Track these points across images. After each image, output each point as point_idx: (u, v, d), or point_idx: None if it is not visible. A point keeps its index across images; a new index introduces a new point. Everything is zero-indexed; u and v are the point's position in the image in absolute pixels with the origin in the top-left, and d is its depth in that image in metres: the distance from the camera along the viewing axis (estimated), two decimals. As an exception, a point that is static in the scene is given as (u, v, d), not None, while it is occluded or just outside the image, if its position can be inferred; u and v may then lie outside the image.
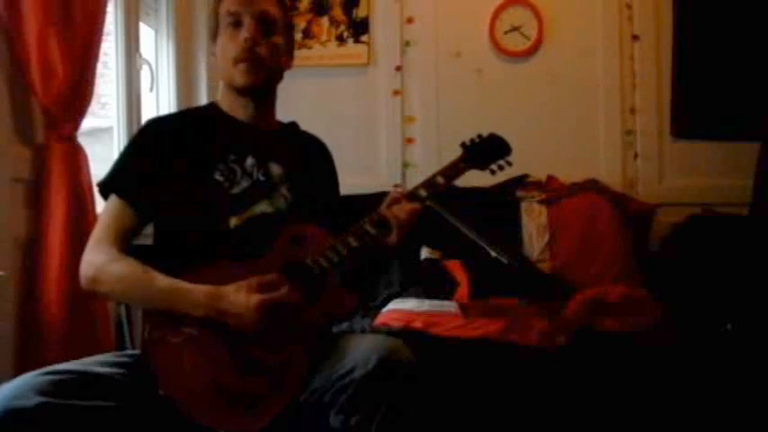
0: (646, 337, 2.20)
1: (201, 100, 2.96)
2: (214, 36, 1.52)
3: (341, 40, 3.20)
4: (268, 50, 1.47)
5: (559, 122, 3.12)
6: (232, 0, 1.48)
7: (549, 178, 3.00)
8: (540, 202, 2.93)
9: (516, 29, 3.14)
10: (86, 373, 1.19)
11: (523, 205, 2.93)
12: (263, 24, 1.47)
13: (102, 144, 2.54)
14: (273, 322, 1.27)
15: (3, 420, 1.08)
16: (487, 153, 1.60)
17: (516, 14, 3.13)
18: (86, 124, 2.00)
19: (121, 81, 2.50)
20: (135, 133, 1.55)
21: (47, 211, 1.84)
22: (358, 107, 3.21)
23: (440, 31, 3.18)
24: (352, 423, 1.19)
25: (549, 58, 3.14)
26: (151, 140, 1.47)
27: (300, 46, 3.09)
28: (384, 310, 2.36)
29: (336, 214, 1.56)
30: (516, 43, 3.15)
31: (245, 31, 1.45)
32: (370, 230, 1.40)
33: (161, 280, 1.31)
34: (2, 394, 1.11)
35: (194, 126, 1.51)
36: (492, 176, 1.63)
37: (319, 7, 3.19)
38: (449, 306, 2.38)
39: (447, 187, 1.51)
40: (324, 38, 3.19)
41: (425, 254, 2.74)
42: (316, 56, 3.16)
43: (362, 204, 1.50)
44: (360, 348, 1.23)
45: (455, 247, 2.68)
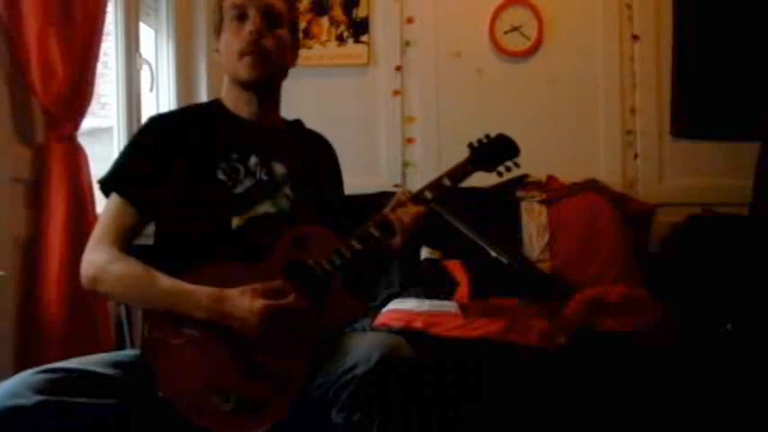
0: (646, 337, 2.20)
1: (201, 100, 2.94)
2: (218, 32, 1.49)
3: (341, 40, 3.20)
4: (274, 43, 1.44)
5: (559, 122, 3.12)
6: None
7: (549, 178, 3.00)
8: (540, 202, 2.93)
9: (516, 29, 3.14)
10: (85, 371, 1.19)
11: (523, 205, 2.93)
12: (268, 17, 1.44)
13: (102, 144, 2.54)
14: (277, 328, 1.25)
15: (1, 418, 1.08)
16: (495, 154, 1.56)
17: (516, 14, 3.13)
18: (86, 124, 1.99)
19: (121, 81, 2.50)
20: (137, 130, 1.52)
21: (47, 211, 1.84)
22: (358, 107, 3.20)
23: (440, 31, 3.18)
24: (354, 420, 1.18)
25: (549, 58, 3.14)
26: (153, 138, 1.45)
27: (300, 46, 3.08)
28: (384, 310, 2.36)
29: (340, 214, 1.54)
30: (516, 43, 3.15)
31: (250, 24, 1.42)
32: (374, 233, 1.38)
33: (163, 280, 1.29)
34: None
35: (197, 124, 1.48)
36: (496, 177, 1.59)
37: (319, 7, 3.19)
38: (449, 306, 2.38)
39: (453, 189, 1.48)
40: (324, 38, 3.19)
41: (425, 254, 2.74)
42: (316, 56, 3.16)
43: (363, 204, 1.49)
44: (361, 346, 1.23)
45: (455, 247, 2.68)
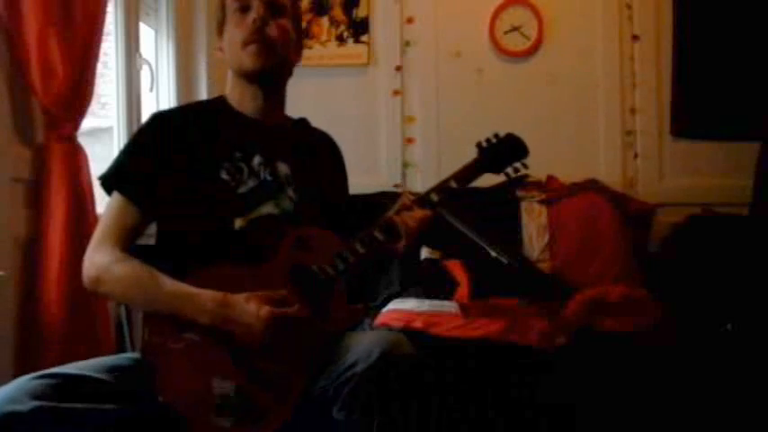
0: (646, 337, 2.20)
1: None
2: (220, 30, 1.47)
3: (341, 40, 3.20)
4: (278, 32, 1.42)
5: (559, 122, 3.11)
6: None
7: (549, 178, 3.00)
8: (540, 202, 2.93)
9: (516, 29, 3.14)
10: (82, 376, 1.17)
11: (523, 205, 2.93)
12: (271, 7, 1.43)
13: (102, 144, 2.54)
14: (281, 336, 1.24)
15: None
16: (504, 155, 1.52)
17: (516, 14, 3.13)
18: (86, 124, 1.99)
19: (121, 81, 2.49)
20: (139, 127, 1.49)
21: (47, 211, 1.83)
22: (358, 107, 3.20)
23: (440, 31, 3.18)
24: (355, 417, 1.18)
25: (549, 58, 3.14)
26: (156, 136, 1.42)
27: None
28: (384, 310, 2.36)
29: (345, 215, 1.52)
30: (516, 43, 3.15)
31: (253, 13, 1.41)
32: (378, 237, 1.36)
33: (166, 283, 1.28)
34: None
35: (200, 121, 1.46)
36: (497, 177, 1.56)
37: (319, 7, 3.19)
38: (449, 306, 2.38)
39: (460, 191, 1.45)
40: (324, 38, 3.19)
41: (425, 254, 2.74)
42: (316, 56, 3.16)
43: (367, 204, 1.48)
44: (362, 343, 1.22)
45: (455, 247, 2.68)
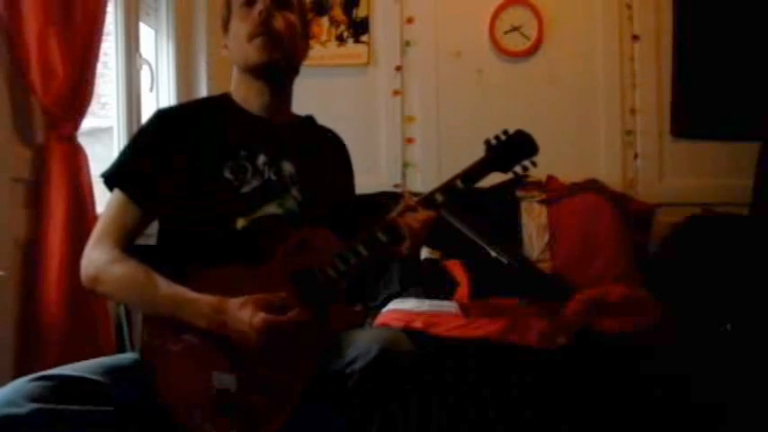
0: (646, 337, 2.20)
1: (201, 100, 2.96)
2: (225, 27, 1.45)
3: (341, 40, 3.20)
4: (284, 24, 1.40)
5: (559, 122, 3.11)
6: None
7: (549, 178, 3.00)
8: (540, 202, 2.93)
9: (516, 29, 3.14)
10: (80, 378, 1.15)
11: (523, 205, 2.93)
12: (277, 0, 1.41)
13: (103, 144, 2.54)
14: (277, 343, 1.22)
15: None
16: (514, 153, 1.47)
17: (516, 14, 3.13)
18: (86, 124, 1.99)
19: (121, 81, 2.49)
20: (143, 124, 1.47)
21: (47, 211, 1.84)
22: (358, 107, 3.20)
23: (440, 31, 3.18)
24: (355, 414, 1.17)
25: (549, 58, 3.14)
26: (159, 134, 1.41)
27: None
28: (384, 310, 2.36)
29: (350, 215, 1.49)
30: (516, 43, 3.15)
31: (259, 5, 1.39)
32: (381, 239, 1.33)
33: (164, 286, 1.26)
34: None
35: (204, 119, 1.44)
36: (496, 177, 1.50)
37: (319, 7, 3.19)
38: (449, 306, 2.38)
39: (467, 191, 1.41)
40: (324, 38, 3.19)
41: (425, 254, 2.74)
42: (316, 56, 3.14)
43: (371, 204, 1.47)
44: (361, 340, 1.21)
45: (455, 247, 2.68)
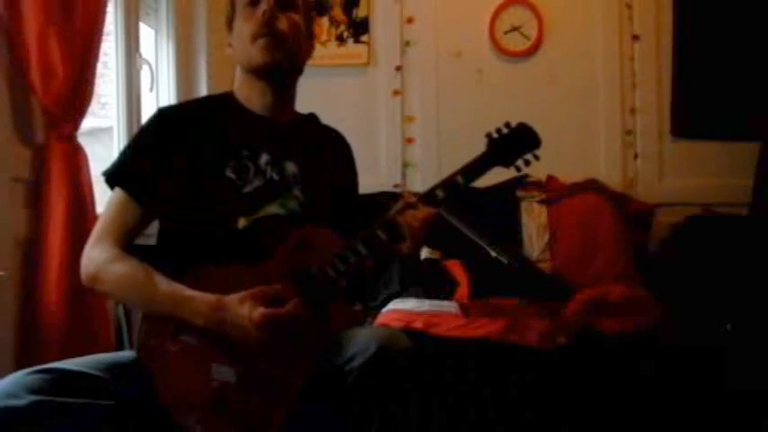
0: (646, 337, 2.20)
1: (201, 100, 2.96)
2: (230, 25, 1.45)
3: (341, 40, 3.20)
4: (288, 25, 1.39)
5: (559, 122, 3.11)
6: None
7: (549, 178, 3.00)
8: (540, 202, 2.93)
9: (516, 29, 3.14)
10: (80, 372, 1.15)
11: (523, 205, 2.93)
12: (281, 1, 1.40)
13: (103, 144, 2.54)
14: (277, 337, 1.21)
15: None
16: (516, 146, 1.45)
17: (516, 14, 3.13)
18: (86, 124, 1.99)
19: (121, 81, 2.49)
20: (145, 123, 1.46)
21: (47, 211, 1.83)
22: (358, 107, 3.20)
23: (440, 31, 3.18)
24: (353, 411, 1.17)
25: (549, 58, 3.14)
26: (161, 133, 1.40)
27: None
28: (384, 310, 2.36)
29: (352, 215, 1.49)
30: (516, 43, 3.15)
31: (263, 5, 1.38)
32: (381, 237, 1.32)
33: (163, 285, 1.26)
34: None
35: (207, 118, 1.43)
36: (497, 176, 1.50)
37: (319, 7, 3.19)
38: (449, 306, 2.38)
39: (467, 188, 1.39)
40: (324, 38, 3.19)
41: (425, 254, 2.74)
42: (316, 56, 3.02)
43: (374, 204, 1.46)
44: (359, 338, 1.21)
45: (455, 247, 2.68)
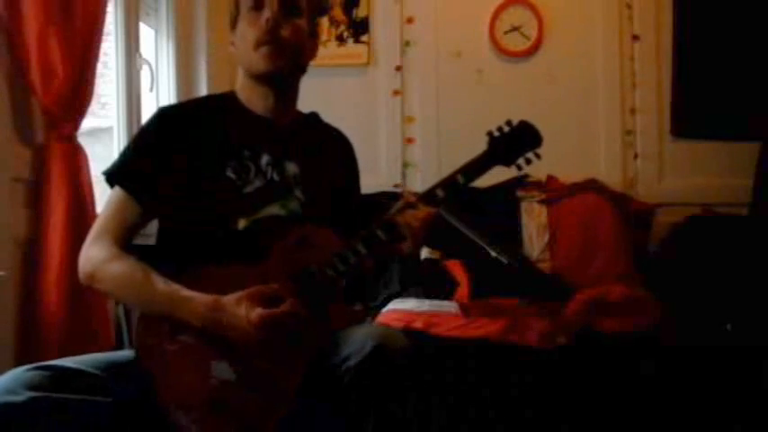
0: (646, 337, 2.20)
1: (201, 100, 2.96)
2: (233, 24, 1.44)
3: (341, 40, 3.20)
4: (291, 33, 1.38)
5: (559, 122, 3.10)
6: None
7: (549, 178, 3.00)
8: (540, 202, 2.93)
9: (516, 29, 3.14)
10: (78, 370, 1.15)
11: (523, 205, 2.93)
12: (286, 6, 1.38)
13: (103, 144, 2.54)
14: (276, 337, 1.20)
15: None
16: (516, 145, 1.44)
17: (516, 14, 3.13)
18: (86, 124, 1.99)
19: (121, 81, 2.49)
20: (145, 122, 1.46)
21: (47, 211, 1.84)
22: (358, 107, 3.20)
23: (440, 31, 3.18)
24: (350, 411, 1.16)
25: (549, 58, 3.14)
26: (162, 132, 1.40)
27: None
28: (384, 310, 2.36)
29: (354, 215, 1.48)
30: (516, 43, 3.15)
31: (267, 11, 1.37)
32: (380, 237, 1.31)
33: (160, 285, 1.25)
34: None
35: (208, 118, 1.43)
36: (496, 176, 1.49)
37: (320, 8, 3.19)
38: (449, 306, 2.38)
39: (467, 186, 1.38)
40: (324, 38, 3.18)
41: (425, 254, 2.74)
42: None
43: (375, 204, 1.46)
44: (355, 337, 1.20)
45: (455, 247, 2.68)
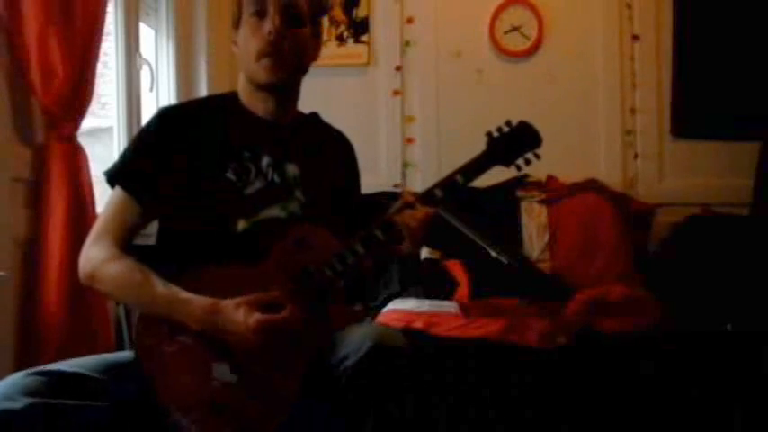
0: (646, 337, 2.20)
1: (201, 100, 2.95)
2: (236, 24, 1.43)
3: (341, 40, 3.20)
4: (293, 45, 1.38)
5: (559, 122, 3.10)
6: None
7: (549, 178, 3.00)
8: (540, 202, 2.93)
9: (516, 29, 3.14)
10: (77, 374, 1.15)
11: (523, 205, 2.93)
12: (288, 16, 1.37)
13: (103, 144, 2.54)
14: (274, 342, 1.20)
15: None
16: (515, 145, 1.44)
17: (516, 14, 3.13)
18: (86, 124, 1.99)
19: (121, 81, 2.50)
20: (146, 123, 1.45)
21: (47, 211, 1.84)
22: (358, 107, 3.20)
23: (440, 31, 3.18)
24: (349, 411, 1.16)
25: (549, 58, 3.14)
26: (163, 133, 1.39)
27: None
28: (384, 310, 2.36)
29: (354, 216, 1.48)
30: (516, 43, 3.15)
31: (269, 23, 1.35)
32: (379, 237, 1.31)
33: (159, 287, 1.25)
34: None
35: (210, 119, 1.42)
36: (496, 176, 1.49)
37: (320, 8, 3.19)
38: (449, 306, 2.38)
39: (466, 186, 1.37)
40: (324, 38, 3.17)
41: (425, 254, 2.74)
42: None
43: (376, 204, 1.46)
44: (353, 337, 1.20)
45: (455, 247, 2.68)
